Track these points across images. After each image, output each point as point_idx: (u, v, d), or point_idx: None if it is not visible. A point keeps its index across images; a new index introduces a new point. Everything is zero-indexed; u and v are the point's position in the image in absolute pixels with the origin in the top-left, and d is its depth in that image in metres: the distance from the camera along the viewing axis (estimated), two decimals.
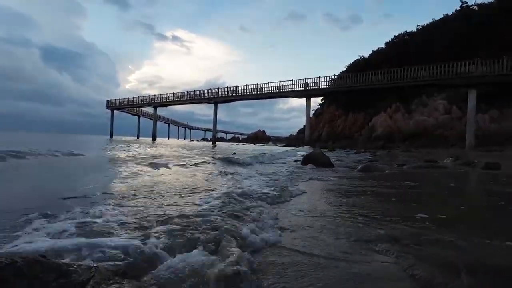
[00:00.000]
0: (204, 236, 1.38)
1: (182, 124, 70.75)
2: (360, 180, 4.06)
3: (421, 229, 1.69)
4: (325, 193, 3.03)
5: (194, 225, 1.55)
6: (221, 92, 29.04)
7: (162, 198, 2.36)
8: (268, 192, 2.75)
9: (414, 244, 1.42)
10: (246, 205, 2.13)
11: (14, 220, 1.60)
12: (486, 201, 2.76)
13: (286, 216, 2.00)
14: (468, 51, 23.15)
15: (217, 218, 1.68)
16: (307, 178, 4.12)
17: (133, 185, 2.90)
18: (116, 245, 1.17)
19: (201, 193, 2.61)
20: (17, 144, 8.78)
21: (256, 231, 1.58)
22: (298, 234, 1.61)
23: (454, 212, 2.20)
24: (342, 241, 1.50)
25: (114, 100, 40.60)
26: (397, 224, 1.80)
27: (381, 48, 40.95)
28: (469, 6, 32.49)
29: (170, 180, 3.41)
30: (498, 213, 2.22)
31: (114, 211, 1.86)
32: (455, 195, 3.02)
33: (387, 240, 1.47)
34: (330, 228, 1.71)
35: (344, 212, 2.15)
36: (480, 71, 16.85)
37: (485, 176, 4.36)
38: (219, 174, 4.18)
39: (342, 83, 22.97)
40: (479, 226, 1.83)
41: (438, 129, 26.28)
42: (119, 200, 2.20)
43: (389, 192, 2.96)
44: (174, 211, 1.90)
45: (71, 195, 2.32)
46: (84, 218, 1.67)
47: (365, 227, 1.73)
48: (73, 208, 1.83)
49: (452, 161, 6.87)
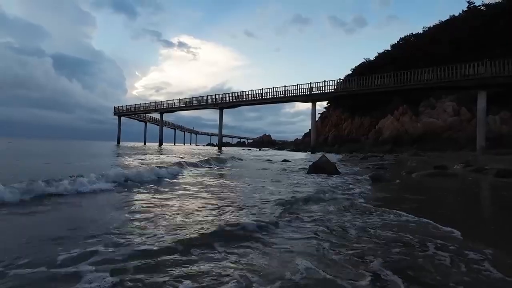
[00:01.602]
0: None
1: (188, 130, 71.34)
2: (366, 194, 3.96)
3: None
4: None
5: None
6: (227, 97, 29.20)
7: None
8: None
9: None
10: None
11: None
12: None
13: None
14: (476, 52, 22.79)
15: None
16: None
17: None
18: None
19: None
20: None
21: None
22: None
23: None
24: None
25: (121, 107, 41.22)
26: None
27: (387, 51, 40.63)
28: (477, 7, 32.06)
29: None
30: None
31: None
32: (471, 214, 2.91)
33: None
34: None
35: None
36: (489, 72, 16.54)
37: (498, 184, 4.22)
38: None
39: (347, 87, 22.80)
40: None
41: (447, 131, 25.79)
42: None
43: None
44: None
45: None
46: None
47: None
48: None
49: (462, 167, 6.69)
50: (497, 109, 22.89)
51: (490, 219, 2.60)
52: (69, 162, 7.87)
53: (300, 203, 2.96)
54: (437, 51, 29.08)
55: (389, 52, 39.71)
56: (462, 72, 17.45)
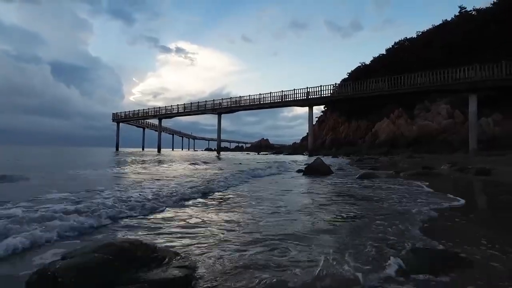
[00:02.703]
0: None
1: (186, 135, 71.62)
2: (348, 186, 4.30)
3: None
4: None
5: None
6: (225, 102, 29.62)
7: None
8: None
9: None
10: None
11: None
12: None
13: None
14: (468, 56, 23.35)
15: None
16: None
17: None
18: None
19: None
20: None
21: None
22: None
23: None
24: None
25: (120, 113, 41.48)
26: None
27: (382, 55, 41.35)
28: (468, 12, 32.84)
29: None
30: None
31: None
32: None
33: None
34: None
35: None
36: (479, 76, 17.03)
37: (474, 181, 4.57)
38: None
39: (343, 91, 23.27)
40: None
41: (441, 134, 26.23)
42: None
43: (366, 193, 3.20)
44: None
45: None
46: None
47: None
48: None
49: (449, 168, 7.05)
50: (490, 111, 23.39)
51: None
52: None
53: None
54: (430, 55, 29.72)
55: (384, 56, 40.42)
56: (453, 76, 17.95)
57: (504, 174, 5.07)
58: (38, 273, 0.94)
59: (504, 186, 3.96)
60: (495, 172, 5.21)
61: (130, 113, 40.33)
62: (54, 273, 0.89)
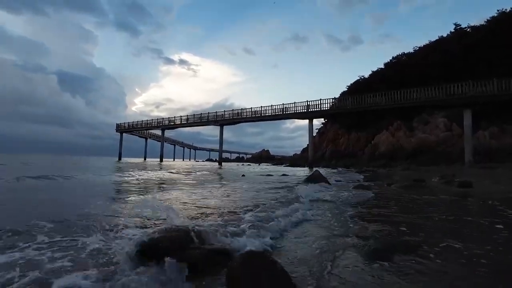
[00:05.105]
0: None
1: (188, 145, 72.35)
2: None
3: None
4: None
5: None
6: (227, 114, 30.39)
7: None
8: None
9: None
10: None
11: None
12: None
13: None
14: (462, 72, 24.17)
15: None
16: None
17: None
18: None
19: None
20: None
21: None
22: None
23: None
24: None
25: (124, 123, 42.34)
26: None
27: (381, 69, 42.32)
28: (463, 29, 33.96)
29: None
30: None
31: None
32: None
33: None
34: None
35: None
36: (473, 92, 17.74)
37: (453, 191, 5.10)
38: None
39: (342, 105, 24.02)
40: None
41: (440, 146, 26.71)
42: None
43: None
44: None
45: None
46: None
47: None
48: None
49: (439, 180, 7.55)
50: (487, 124, 23.96)
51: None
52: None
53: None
54: (427, 70, 30.61)
55: (383, 70, 41.40)
56: (448, 91, 18.68)
57: (483, 187, 5.57)
58: (148, 238, 1.51)
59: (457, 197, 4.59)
60: (476, 185, 5.71)
61: (134, 124, 41.18)
62: (157, 239, 1.46)
